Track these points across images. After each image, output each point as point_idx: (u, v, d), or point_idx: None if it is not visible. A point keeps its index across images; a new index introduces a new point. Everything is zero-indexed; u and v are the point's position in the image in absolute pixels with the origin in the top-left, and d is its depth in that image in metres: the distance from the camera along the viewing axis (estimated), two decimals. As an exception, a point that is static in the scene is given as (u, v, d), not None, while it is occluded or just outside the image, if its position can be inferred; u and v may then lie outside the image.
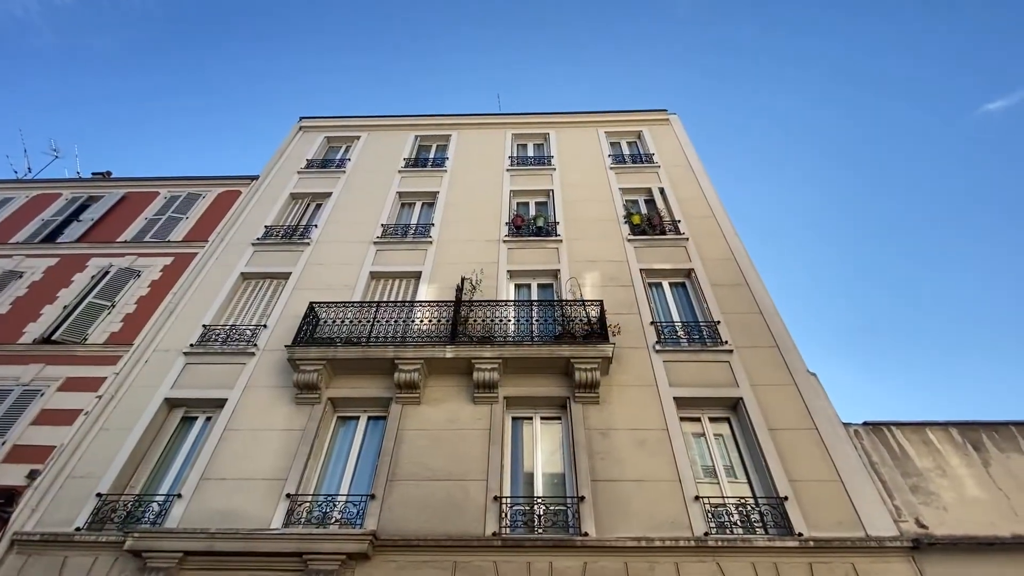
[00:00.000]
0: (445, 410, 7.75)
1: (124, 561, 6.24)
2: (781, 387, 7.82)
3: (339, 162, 13.94)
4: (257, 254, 10.83)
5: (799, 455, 6.99)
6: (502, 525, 6.45)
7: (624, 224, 11.08)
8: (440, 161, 13.78)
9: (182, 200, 12.46)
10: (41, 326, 9.44)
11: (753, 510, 6.58)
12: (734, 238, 10.59)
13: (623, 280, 9.75)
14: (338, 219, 11.71)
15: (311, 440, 7.43)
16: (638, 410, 7.62)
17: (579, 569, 5.99)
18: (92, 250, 11.11)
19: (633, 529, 6.31)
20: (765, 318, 8.86)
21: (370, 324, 8.66)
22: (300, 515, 6.69)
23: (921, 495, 6.58)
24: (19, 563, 6.35)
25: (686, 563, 5.99)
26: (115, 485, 7.10)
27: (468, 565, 6.06)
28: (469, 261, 10.23)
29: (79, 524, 6.66)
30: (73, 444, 7.51)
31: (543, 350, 7.96)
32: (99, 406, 7.99)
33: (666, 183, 12.34)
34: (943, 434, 7.27)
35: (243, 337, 9.07)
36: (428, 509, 6.60)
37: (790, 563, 5.95)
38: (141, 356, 8.76)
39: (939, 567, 5.88)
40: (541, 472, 7.29)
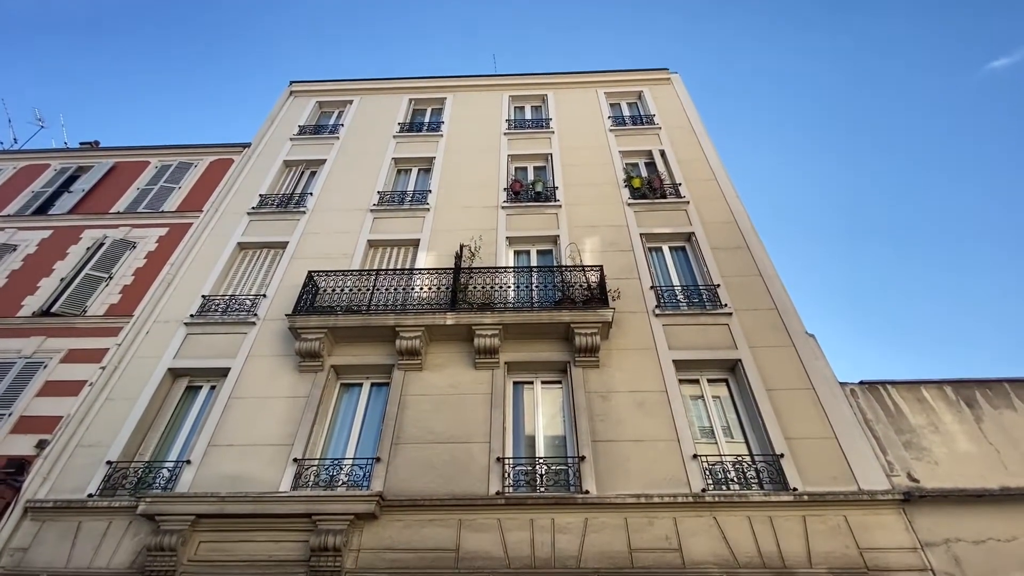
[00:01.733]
0: (447, 375, 7.83)
1: (138, 525, 6.42)
2: (779, 348, 7.90)
3: (332, 128, 13.62)
4: (253, 223, 10.71)
5: (795, 414, 7.12)
6: (505, 485, 6.63)
7: (624, 188, 10.94)
8: (435, 125, 13.46)
9: (174, 169, 12.22)
10: (39, 299, 9.41)
11: (749, 467, 6.75)
12: (735, 201, 10.47)
13: (623, 245, 9.69)
14: (333, 187, 11.53)
15: (315, 406, 7.53)
16: (637, 373, 7.71)
17: (580, 525, 6.19)
18: (85, 222, 10.97)
19: (632, 487, 6.48)
20: (765, 281, 8.86)
21: (370, 292, 8.65)
22: (307, 478, 6.85)
23: (914, 451, 6.75)
24: (34, 529, 6.54)
25: (684, 518, 6.19)
26: (124, 453, 7.24)
27: (473, 522, 6.25)
28: (467, 228, 10.14)
29: (91, 491, 6.82)
30: (80, 414, 7.61)
31: (543, 316, 7.98)
32: (103, 377, 8.06)
33: (667, 145, 12.12)
34: (937, 392, 7.39)
35: (243, 307, 9.07)
36: (433, 471, 6.76)
37: (784, 516, 6.15)
38: (142, 327, 8.77)
39: (928, 518, 6.09)
40: (542, 435, 7.43)
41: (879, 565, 5.76)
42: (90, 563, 6.22)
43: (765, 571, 5.77)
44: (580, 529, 6.16)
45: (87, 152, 13.13)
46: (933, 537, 5.95)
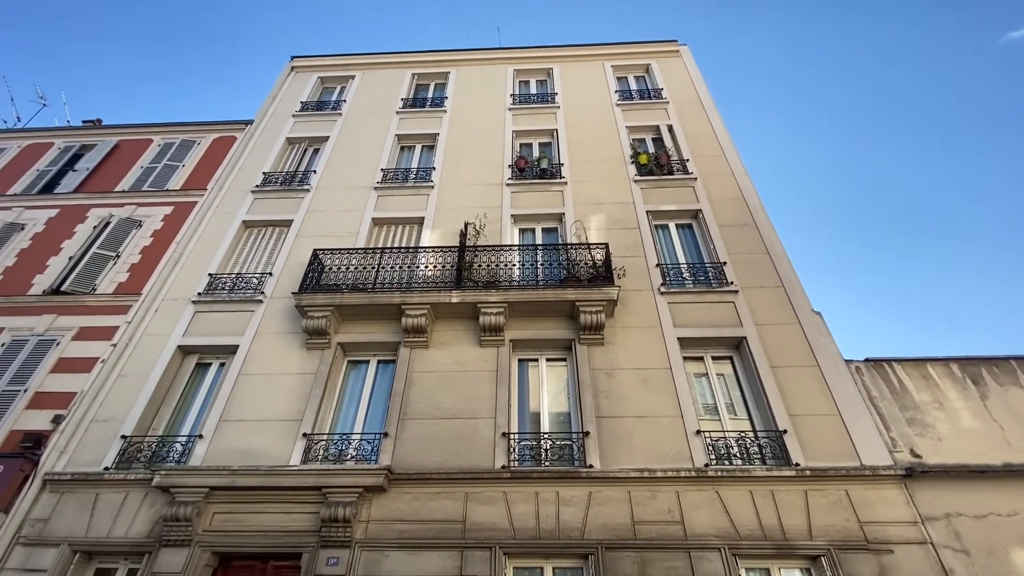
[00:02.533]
0: (453, 353, 7.89)
1: (153, 496, 6.61)
2: (785, 326, 7.88)
3: (334, 104, 13.45)
4: (257, 202, 10.69)
5: (799, 391, 7.14)
6: (511, 459, 6.74)
7: (631, 164, 10.78)
8: (439, 101, 13.25)
9: (177, 147, 12.16)
10: (49, 277, 9.51)
11: (752, 443, 6.81)
12: (743, 177, 10.32)
13: (629, 223, 9.61)
14: (337, 164, 11.44)
15: (323, 383, 7.64)
16: (642, 351, 7.74)
17: (584, 498, 6.31)
18: (91, 200, 10.99)
19: (636, 461, 6.57)
20: (772, 258, 8.79)
21: (375, 270, 8.66)
22: (317, 453, 6.99)
23: (917, 427, 6.77)
24: (53, 500, 6.75)
25: (687, 492, 6.29)
26: (138, 428, 7.40)
27: (479, 495, 6.39)
28: (472, 206, 10.07)
29: (107, 464, 7.00)
30: (93, 390, 7.76)
31: (548, 294, 7.98)
32: (115, 354, 8.19)
33: (675, 120, 11.89)
34: (943, 369, 7.38)
35: (249, 285, 9.13)
36: (439, 445, 6.88)
37: (786, 490, 6.24)
38: (151, 305, 8.86)
39: (930, 493, 6.16)
40: (547, 411, 7.51)
41: (879, 538, 5.85)
42: (109, 533, 6.43)
43: (766, 543, 5.88)
44: (584, 502, 6.28)
45: (90, 130, 13.07)
46: (934, 512, 6.02)
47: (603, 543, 5.94)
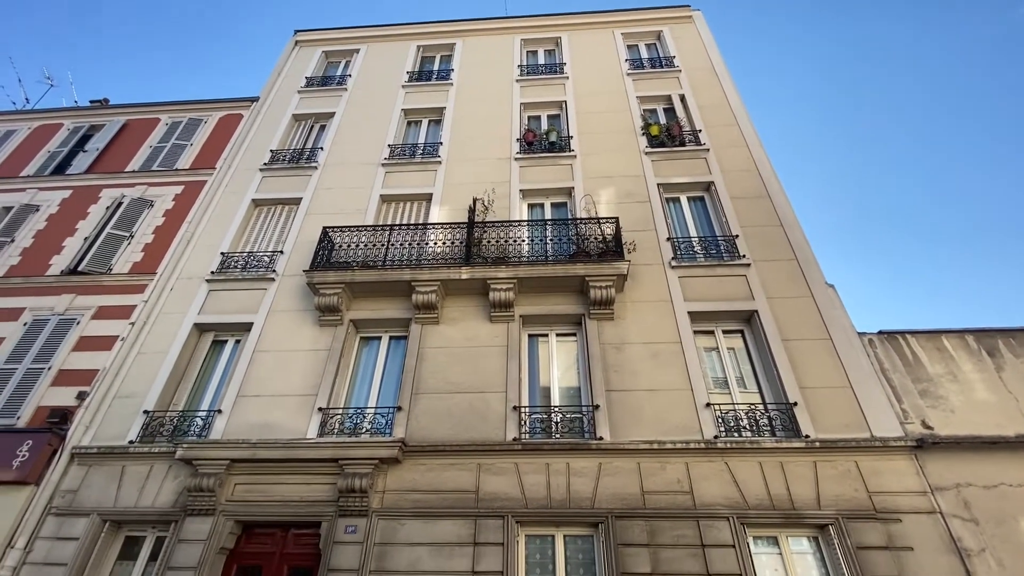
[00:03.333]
0: (463, 329, 7.96)
1: (177, 468, 6.85)
2: (798, 299, 7.81)
3: (340, 79, 13.27)
4: (266, 180, 10.70)
5: (811, 364, 7.13)
6: (522, 431, 6.86)
7: (642, 136, 10.57)
8: (445, 73, 13.01)
9: (184, 126, 12.14)
10: (66, 258, 9.67)
11: (762, 415, 6.85)
12: (757, 148, 10.08)
13: (640, 196, 9.48)
14: (343, 141, 11.36)
15: (337, 359, 7.77)
16: (652, 325, 7.73)
17: (594, 469, 6.42)
18: (102, 181, 11.06)
19: (645, 434, 6.65)
20: (785, 230, 8.65)
21: (385, 247, 8.69)
22: (333, 426, 7.16)
23: (930, 399, 6.75)
24: (82, 473, 7.02)
25: (696, 463, 6.37)
26: (159, 403, 7.62)
27: (491, 466, 6.53)
28: (480, 181, 9.99)
29: (131, 438, 7.25)
30: (115, 367, 7.97)
31: (557, 269, 7.97)
32: (133, 332, 8.37)
33: (687, 89, 11.58)
34: (958, 341, 7.30)
35: (261, 263, 9.21)
36: (452, 419, 7.01)
37: (795, 461, 6.29)
38: (166, 284, 9.00)
39: (940, 464, 6.17)
40: (557, 385, 7.59)
41: (887, 507, 5.91)
42: (136, 503, 6.70)
43: (774, 512, 5.97)
44: (594, 473, 6.39)
45: (98, 110, 13.06)
46: (944, 482, 6.05)
47: (613, 512, 6.08)
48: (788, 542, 6.00)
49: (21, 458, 6.96)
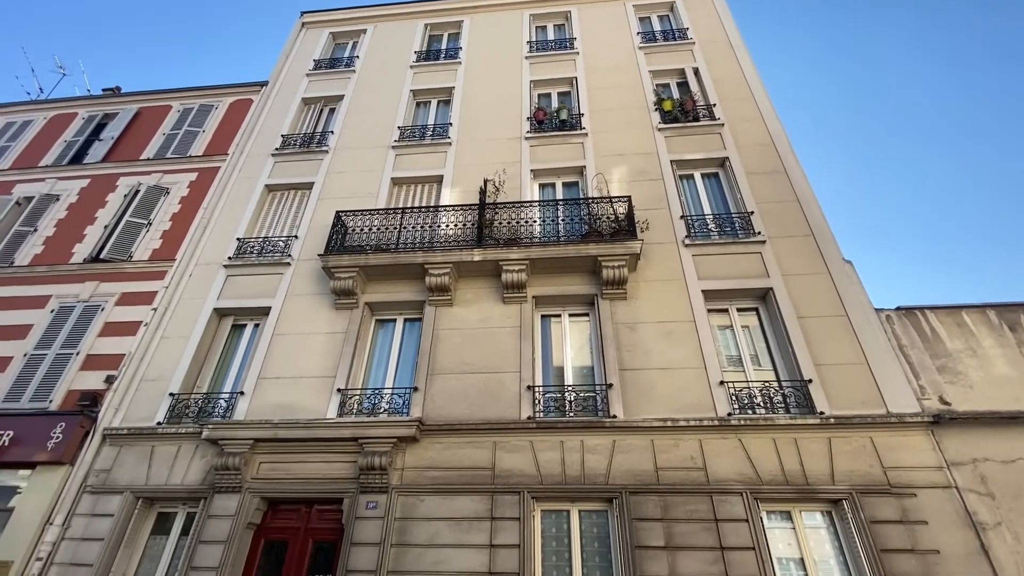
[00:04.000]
0: (477, 310, 8.03)
1: (204, 448, 7.10)
2: (814, 276, 7.72)
3: (347, 60, 13.16)
4: (278, 165, 10.76)
5: (826, 341, 7.08)
6: (536, 410, 6.96)
7: (654, 111, 10.37)
8: (453, 52, 12.83)
9: (196, 113, 12.20)
10: (87, 246, 9.89)
11: (776, 393, 6.86)
12: (774, 121, 9.84)
13: (652, 174, 9.36)
14: (353, 124, 11.34)
15: (354, 341, 7.91)
16: (665, 304, 7.72)
17: (608, 446, 6.52)
18: (119, 169, 11.22)
19: (659, 411, 6.71)
20: (802, 206, 8.50)
21: (397, 231, 8.74)
22: (352, 406, 7.34)
23: (948, 374, 6.69)
24: (114, 453, 7.32)
25: (709, 440, 6.43)
26: (184, 386, 7.86)
27: (506, 444, 6.67)
28: (491, 161, 9.93)
29: (159, 419, 7.51)
30: (140, 352, 8.21)
31: (569, 250, 7.95)
32: (156, 318, 8.59)
33: (701, 62, 11.28)
34: (979, 316, 7.19)
35: (276, 248, 9.34)
36: (467, 398, 7.13)
37: (809, 438, 6.32)
38: (185, 270, 9.19)
39: (957, 439, 6.15)
40: (571, 365, 7.66)
41: (902, 482, 5.93)
42: (167, 480, 6.98)
43: (787, 487, 6.03)
44: (608, 450, 6.49)
45: (110, 99, 13.17)
46: (960, 457, 6.03)
47: (627, 488, 6.18)
48: (801, 517, 6.07)
49: (55, 439, 7.26)
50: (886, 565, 5.46)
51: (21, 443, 7.31)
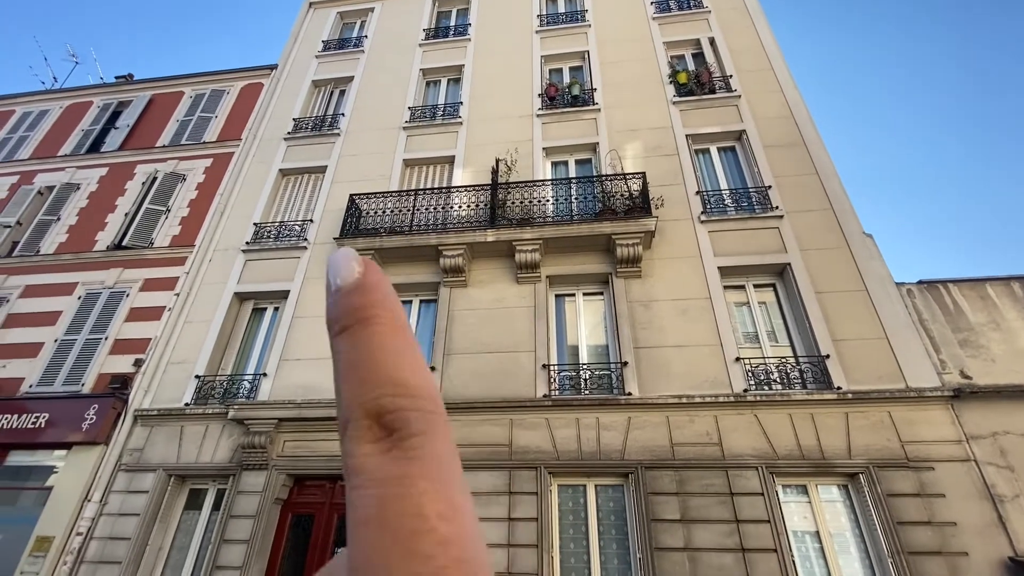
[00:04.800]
0: (491, 291, 8.08)
1: (230, 428, 7.35)
2: (833, 250, 7.60)
3: (356, 41, 13.02)
4: (291, 149, 10.79)
5: (845, 316, 7.01)
6: (551, 388, 7.05)
7: (669, 84, 10.14)
8: (462, 29, 12.61)
9: (208, 98, 12.24)
10: (110, 234, 10.11)
11: (793, 368, 6.84)
12: (792, 92, 9.56)
13: (667, 149, 9.21)
14: (364, 105, 11.28)
15: (370, 323, 8.02)
16: (681, 281, 7.68)
17: (624, 423, 6.59)
18: (136, 157, 11.37)
19: (674, 388, 6.75)
20: (821, 179, 8.32)
21: (410, 213, 8.76)
22: (370, 387, 7.49)
23: (970, 348, 6.59)
24: (145, 433, 7.60)
25: (725, 416, 6.46)
26: (209, 368, 8.09)
27: (523, 421, 6.78)
28: (502, 140, 9.84)
29: (187, 400, 7.76)
30: (165, 336, 8.45)
31: (583, 228, 7.92)
32: (179, 303, 8.81)
33: (717, 32, 10.94)
34: (1003, 288, 7.04)
35: (293, 232, 9.44)
36: (483, 377, 7.24)
37: (826, 413, 6.31)
38: (204, 256, 9.36)
39: (977, 413, 6.09)
40: (585, 344, 7.70)
41: (920, 456, 5.92)
42: (196, 459, 7.25)
43: (803, 462, 6.06)
44: (623, 426, 6.57)
45: (124, 86, 13.25)
46: (980, 430, 5.99)
47: (642, 463, 6.27)
48: (817, 490, 6.11)
49: (89, 421, 7.57)
50: (902, 537, 5.50)
51: (56, 425, 7.64)
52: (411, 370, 0.30)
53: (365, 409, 0.29)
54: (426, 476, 0.27)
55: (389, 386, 0.29)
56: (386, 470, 0.27)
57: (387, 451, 0.27)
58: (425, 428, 0.29)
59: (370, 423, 0.28)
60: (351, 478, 0.27)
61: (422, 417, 0.29)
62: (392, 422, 0.28)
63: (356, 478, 0.27)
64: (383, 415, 0.28)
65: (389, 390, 0.29)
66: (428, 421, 0.29)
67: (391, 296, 0.32)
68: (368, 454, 0.27)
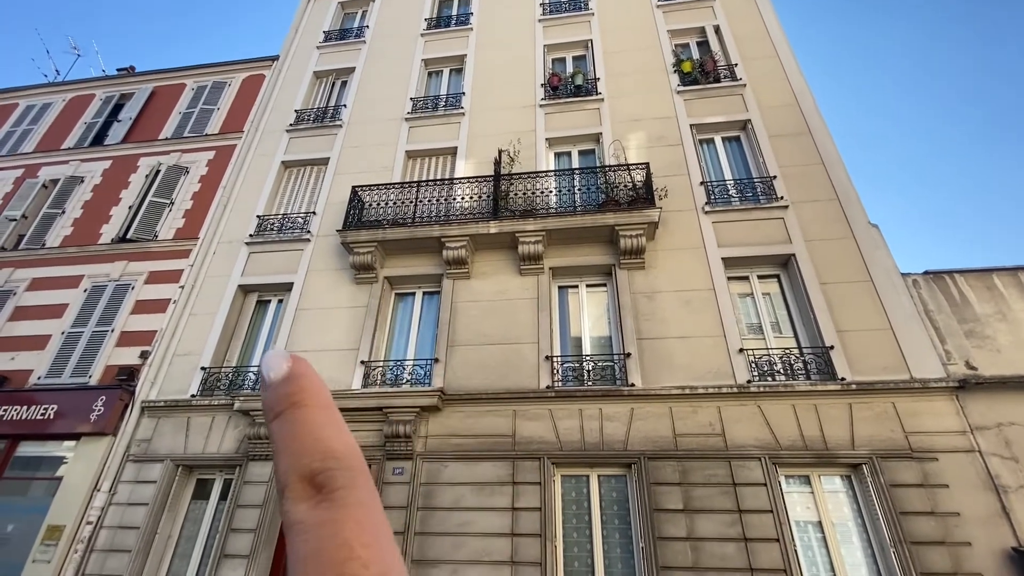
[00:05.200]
0: (494, 282, 8.08)
1: (236, 418, 7.41)
2: (838, 241, 7.55)
3: (357, 31, 12.93)
4: (293, 141, 10.77)
5: (849, 307, 6.98)
6: (554, 380, 7.07)
7: (673, 73, 10.03)
8: (464, 18, 12.49)
9: (209, 90, 12.21)
10: (114, 227, 10.14)
11: (797, 360, 6.82)
12: (798, 79, 9.44)
13: (671, 139, 9.13)
14: (366, 96, 11.23)
15: (375, 315, 8.06)
16: (684, 273, 7.66)
17: (627, 414, 6.61)
18: (139, 150, 11.38)
19: (677, 379, 6.76)
20: (827, 169, 8.24)
21: (413, 204, 8.75)
22: (375, 378, 7.55)
23: (975, 339, 6.56)
24: (152, 424, 7.68)
25: (728, 407, 6.47)
26: (214, 360, 8.15)
27: (526, 412, 6.81)
28: (505, 131, 9.79)
29: (193, 392, 7.83)
30: (171, 328, 8.51)
31: (586, 220, 7.89)
32: (183, 295, 8.85)
33: (722, 19, 10.79)
34: (1011, 279, 6.98)
35: (296, 225, 9.45)
36: (487, 369, 7.27)
37: (830, 404, 6.31)
38: (208, 248, 9.39)
39: (982, 404, 6.07)
40: (588, 335, 7.70)
41: (924, 447, 5.92)
42: (203, 449, 7.33)
43: (806, 452, 6.07)
44: (626, 417, 6.59)
45: (125, 78, 13.22)
46: (985, 421, 5.97)
47: (645, 454, 6.30)
48: (820, 481, 6.13)
49: (97, 412, 7.65)
50: (905, 527, 5.52)
51: (65, 416, 7.73)
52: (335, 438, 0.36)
53: (299, 474, 0.35)
54: (351, 518, 0.33)
55: (317, 453, 0.35)
56: (318, 517, 0.33)
57: (318, 504, 0.33)
58: (347, 482, 0.34)
59: (303, 485, 0.34)
60: (290, 531, 0.33)
61: (344, 474, 0.35)
62: (321, 481, 0.34)
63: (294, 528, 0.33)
64: (313, 476, 0.34)
65: (318, 456, 0.35)
66: (349, 476, 0.35)
67: (316, 382, 0.40)
68: (303, 510, 0.33)
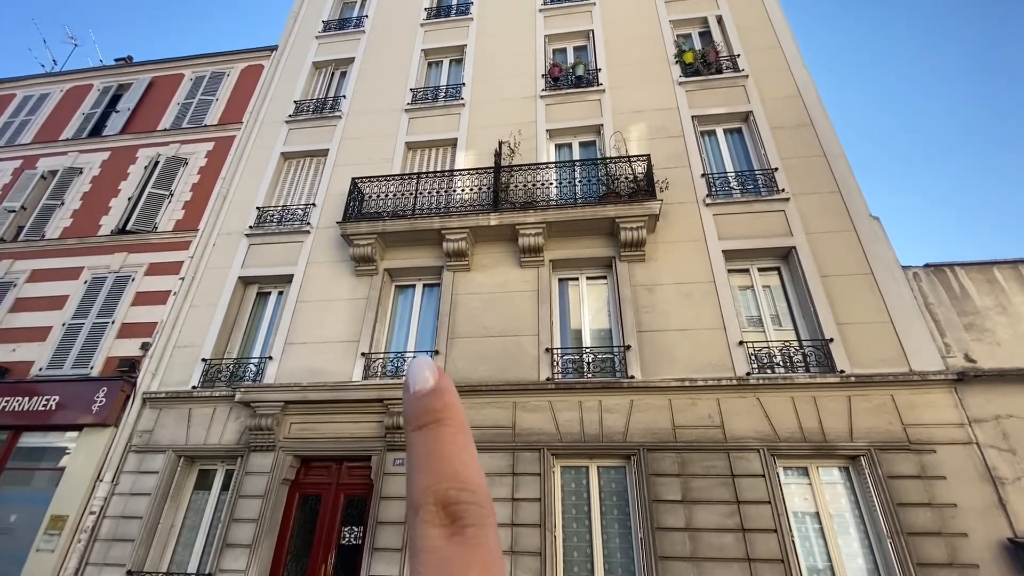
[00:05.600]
0: (494, 275, 8.07)
1: (237, 410, 7.44)
2: (839, 233, 7.54)
3: (356, 21, 12.81)
4: (292, 132, 10.71)
5: (849, 299, 6.98)
6: (554, 372, 7.09)
7: (675, 64, 9.95)
8: (464, 8, 12.37)
9: (208, 81, 12.12)
10: (113, 218, 10.12)
11: (796, 352, 6.84)
12: (801, 70, 9.37)
13: (672, 130, 9.08)
14: (365, 87, 11.15)
15: (375, 307, 8.07)
16: (685, 265, 7.65)
17: (626, 406, 6.64)
18: (138, 141, 11.32)
19: (677, 372, 6.77)
20: (829, 161, 8.20)
21: (413, 196, 8.72)
22: (375, 369, 7.56)
23: (975, 332, 6.57)
24: (154, 415, 7.71)
25: (727, 399, 6.49)
26: (215, 351, 8.17)
27: (526, 404, 6.84)
28: (506, 122, 9.73)
29: (194, 383, 7.86)
30: (171, 320, 8.52)
31: (586, 212, 7.86)
32: (183, 287, 8.85)
33: (725, 9, 10.69)
34: (1011, 272, 6.97)
35: (295, 216, 9.43)
36: (487, 361, 7.28)
37: (828, 396, 6.33)
38: (208, 240, 9.37)
39: (980, 396, 6.10)
40: (588, 328, 7.71)
41: (922, 439, 5.94)
42: (205, 440, 7.37)
43: (805, 444, 6.10)
44: (626, 409, 6.62)
45: (123, 68, 13.12)
46: (983, 414, 6.00)
47: (644, 445, 6.33)
48: (818, 472, 6.17)
49: (99, 403, 7.68)
50: (902, 518, 5.56)
51: (67, 407, 7.76)
52: (471, 466, 0.39)
53: (436, 497, 0.36)
54: (479, 560, 0.34)
55: (457, 481, 0.37)
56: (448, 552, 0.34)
57: (450, 536, 0.35)
58: (480, 520, 0.36)
59: (437, 509, 0.36)
60: (418, 553, 0.35)
61: (478, 511, 0.37)
62: (456, 513, 0.36)
63: (423, 554, 0.35)
64: (448, 504, 0.36)
65: (456, 484, 0.37)
66: (482, 515, 0.37)
67: (458, 401, 0.42)
68: (435, 536, 0.35)
